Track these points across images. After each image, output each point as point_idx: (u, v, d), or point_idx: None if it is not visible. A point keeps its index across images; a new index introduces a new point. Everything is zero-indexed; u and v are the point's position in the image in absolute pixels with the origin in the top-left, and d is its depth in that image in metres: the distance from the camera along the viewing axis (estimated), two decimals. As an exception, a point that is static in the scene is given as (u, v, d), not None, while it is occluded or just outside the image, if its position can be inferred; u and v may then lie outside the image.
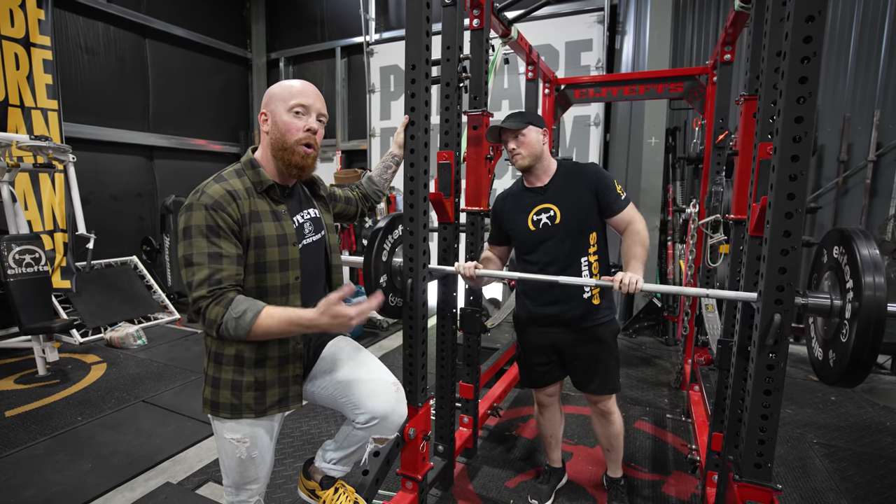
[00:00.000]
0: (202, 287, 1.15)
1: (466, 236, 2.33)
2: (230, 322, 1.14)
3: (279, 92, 1.30)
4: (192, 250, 1.16)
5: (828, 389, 3.29)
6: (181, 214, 1.20)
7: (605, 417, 2.01)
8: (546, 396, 2.08)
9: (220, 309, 1.15)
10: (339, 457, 1.46)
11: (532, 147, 1.83)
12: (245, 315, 1.14)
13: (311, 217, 1.41)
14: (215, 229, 1.17)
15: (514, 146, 1.84)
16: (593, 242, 1.86)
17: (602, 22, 4.88)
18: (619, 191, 1.83)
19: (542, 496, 2.11)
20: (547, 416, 2.12)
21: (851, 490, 2.21)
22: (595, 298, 1.88)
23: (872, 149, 3.95)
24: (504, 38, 2.62)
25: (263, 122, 1.31)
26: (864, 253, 1.15)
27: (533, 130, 1.84)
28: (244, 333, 1.15)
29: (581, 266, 1.85)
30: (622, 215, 1.81)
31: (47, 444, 2.58)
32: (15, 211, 3.82)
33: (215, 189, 1.20)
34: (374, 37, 6.20)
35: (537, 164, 1.87)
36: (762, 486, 1.32)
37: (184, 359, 3.90)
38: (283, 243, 1.28)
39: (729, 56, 2.56)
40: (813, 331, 1.48)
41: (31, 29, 4.40)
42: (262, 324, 1.15)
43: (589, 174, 1.85)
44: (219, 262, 1.17)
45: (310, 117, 1.30)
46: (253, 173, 1.29)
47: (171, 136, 6.20)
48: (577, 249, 1.84)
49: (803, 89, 1.13)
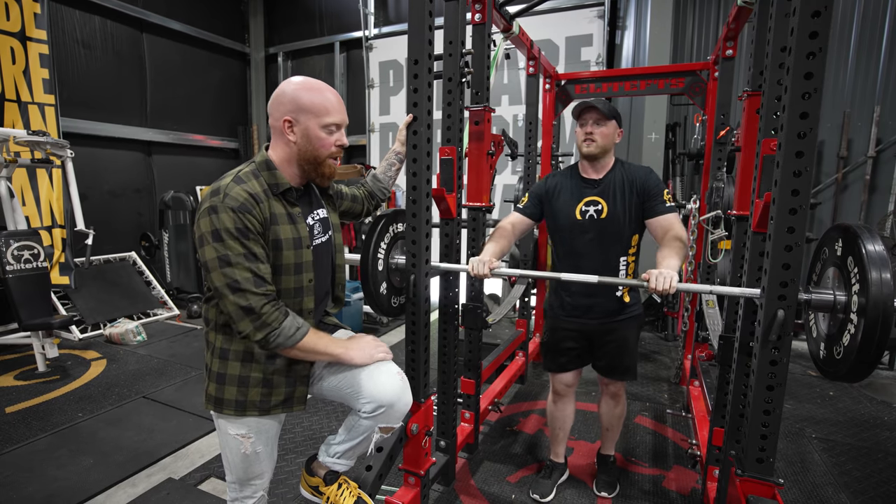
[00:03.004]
0: (252, 286, 1.15)
1: (468, 232, 2.32)
2: (287, 330, 1.19)
3: (310, 104, 1.24)
4: (227, 251, 1.14)
5: (826, 384, 3.31)
6: (203, 217, 1.16)
7: (615, 399, 2.12)
8: (564, 386, 2.12)
9: (280, 315, 1.18)
10: (343, 449, 1.46)
11: (606, 139, 1.86)
12: (300, 330, 1.22)
13: (320, 218, 1.41)
14: (245, 231, 1.16)
15: (591, 130, 1.85)
16: (634, 244, 1.90)
17: (602, 17, 4.86)
18: (666, 197, 1.82)
19: (544, 491, 2.13)
20: (560, 406, 2.17)
21: (850, 484, 2.23)
22: (626, 296, 1.94)
23: (872, 145, 3.95)
24: (505, 33, 2.61)
25: (289, 130, 1.25)
26: (871, 248, 1.15)
27: (614, 125, 1.87)
28: (290, 346, 1.21)
29: (619, 265, 1.89)
30: (663, 218, 1.79)
31: (48, 441, 2.58)
32: (13, 207, 3.80)
33: (238, 192, 1.17)
34: (374, 31, 6.16)
35: (602, 157, 1.89)
36: (764, 481, 1.32)
37: (184, 355, 3.90)
38: (299, 246, 1.28)
39: (731, 51, 2.55)
40: (814, 326, 1.48)
41: (26, 23, 4.35)
42: (310, 342, 1.24)
43: (641, 175, 1.86)
44: (256, 262, 1.17)
45: (340, 132, 1.31)
46: (269, 175, 1.26)
47: (170, 131, 6.17)
48: (618, 247, 1.88)
49: (809, 85, 1.13)
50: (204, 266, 1.18)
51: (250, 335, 1.18)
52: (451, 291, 2.03)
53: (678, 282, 1.45)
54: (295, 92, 1.25)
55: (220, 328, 1.28)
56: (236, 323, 1.18)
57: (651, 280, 1.47)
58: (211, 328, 1.31)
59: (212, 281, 1.17)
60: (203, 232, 1.16)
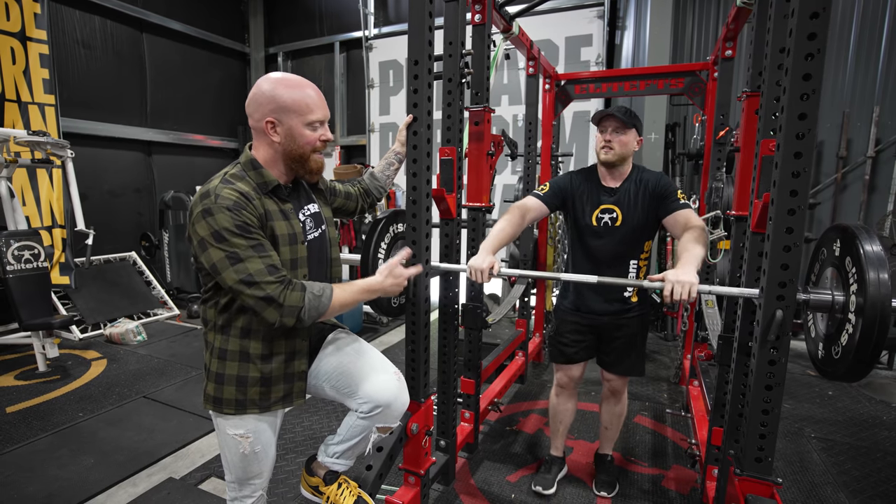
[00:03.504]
0: (265, 275, 1.15)
1: (468, 232, 2.33)
2: (313, 301, 1.20)
3: (292, 103, 1.23)
4: (234, 248, 1.14)
5: (825, 384, 3.31)
6: (198, 221, 1.14)
7: (616, 397, 2.13)
8: (568, 378, 2.15)
9: (298, 293, 1.19)
10: (342, 449, 1.46)
11: (625, 147, 1.88)
12: (325, 292, 1.23)
13: (311, 213, 1.41)
14: (245, 227, 1.15)
15: (610, 138, 1.87)
16: (646, 249, 1.95)
17: (602, 17, 4.86)
18: (680, 196, 1.84)
19: (545, 484, 2.16)
20: (562, 400, 2.20)
21: (849, 483, 2.24)
22: (633, 297, 1.99)
23: (871, 145, 3.95)
24: (505, 34, 2.61)
25: (272, 131, 1.24)
26: (868, 249, 1.15)
27: (634, 133, 1.89)
28: (324, 311, 1.23)
29: (630, 268, 1.94)
30: (679, 213, 1.80)
31: (49, 440, 2.58)
32: (13, 207, 3.80)
33: (228, 192, 1.16)
34: (374, 31, 6.17)
35: (620, 164, 1.91)
36: (763, 480, 1.33)
37: (184, 354, 3.90)
38: (294, 242, 1.29)
39: (730, 52, 2.56)
40: (813, 326, 1.48)
41: (27, 23, 4.35)
42: (339, 297, 1.26)
43: (654, 180, 1.89)
44: (265, 251, 1.18)
45: (324, 127, 1.31)
46: (256, 174, 1.26)
47: (169, 131, 6.17)
48: (630, 252, 1.92)
49: (807, 86, 1.13)
50: (212, 269, 1.16)
51: (285, 322, 1.19)
52: (451, 291, 2.04)
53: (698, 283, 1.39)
54: (274, 91, 1.22)
55: (219, 329, 1.29)
56: (262, 314, 1.18)
57: (667, 287, 1.40)
58: (209, 328, 1.31)
59: (224, 282, 1.16)
60: (202, 236, 1.14)
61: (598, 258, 1.95)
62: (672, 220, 1.81)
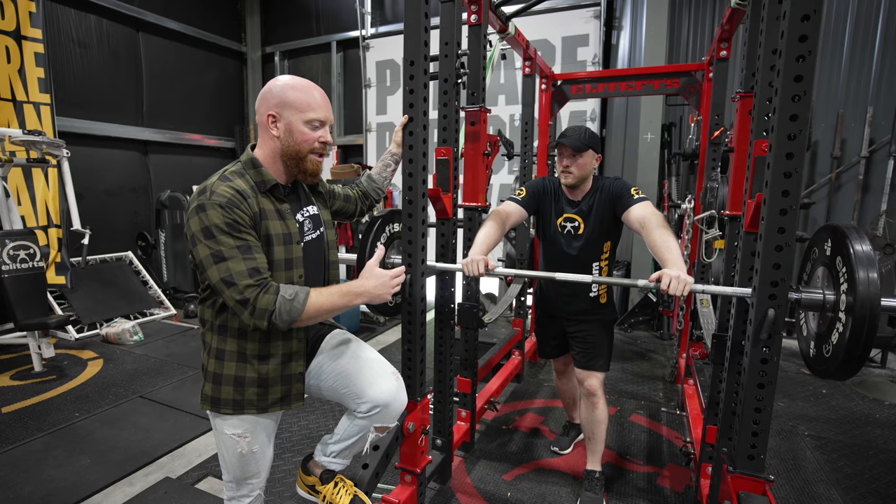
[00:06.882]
0: (244, 278, 1.15)
1: (464, 232, 2.34)
2: (284, 306, 1.17)
3: (295, 100, 1.26)
4: (219, 247, 1.14)
5: (819, 382, 3.34)
6: (192, 216, 1.16)
7: (591, 400, 2.12)
8: (561, 364, 2.42)
9: (271, 296, 1.17)
10: (339, 449, 1.47)
11: (584, 169, 1.97)
12: (297, 296, 1.19)
13: (310, 214, 1.41)
14: (235, 225, 1.16)
15: (568, 164, 1.96)
16: (606, 250, 2.06)
17: (598, 17, 4.88)
18: (634, 192, 1.88)
19: (563, 445, 2.50)
20: (563, 381, 2.49)
21: (841, 480, 2.26)
22: (602, 298, 2.10)
23: (865, 145, 3.98)
24: (501, 34, 2.62)
25: (272, 125, 1.26)
26: (859, 248, 1.16)
27: (590, 154, 1.96)
28: (297, 315, 1.19)
29: (592, 269, 2.06)
30: (634, 208, 1.84)
31: (45, 440, 2.58)
32: (8, 206, 3.79)
33: (224, 189, 1.17)
34: (370, 31, 6.17)
35: (580, 184, 2.01)
36: (755, 477, 1.34)
37: (181, 354, 3.90)
38: (289, 242, 1.29)
39: (725, 52, 2.57)
40: (805, 325, 1.50)
41: (21, 21, 4.34)
42: (314, 302, 1.21)
43: (608, 187, 1.98)
44: (250, 253, 1.17)
45: (324, 129, 1.31)
46: (255, 173, 1.27)
47: (166, 130, 6.16)
48: (591, 255, 2.05)
49: (798, 87, 1.14)
50: (199, 265, 1.17)
51: (257, 325, 1.18)
52: (448, 291, 2.04)
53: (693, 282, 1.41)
54: (282, 90, 1.26)
55: (216, 329, 1.29)
56: (239, 317, 1.19)
57: (664, 282, 1.43)
58: (207, 328, 1.31)
59: (209, 278, 1.17)
60: (194, 231, 1.16)
61: (563, 261, 2.06)
62: (630, 216, 1.85)
